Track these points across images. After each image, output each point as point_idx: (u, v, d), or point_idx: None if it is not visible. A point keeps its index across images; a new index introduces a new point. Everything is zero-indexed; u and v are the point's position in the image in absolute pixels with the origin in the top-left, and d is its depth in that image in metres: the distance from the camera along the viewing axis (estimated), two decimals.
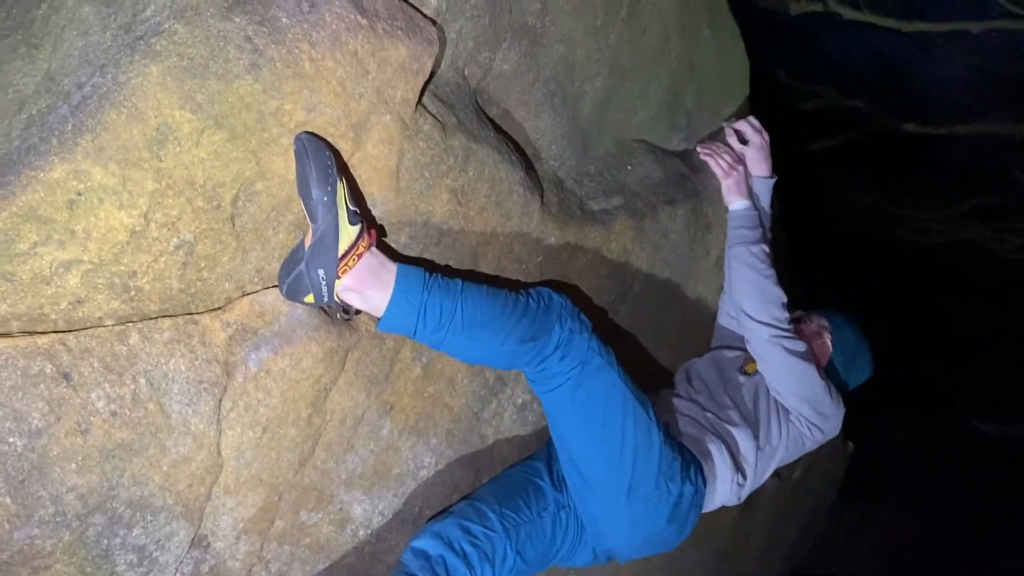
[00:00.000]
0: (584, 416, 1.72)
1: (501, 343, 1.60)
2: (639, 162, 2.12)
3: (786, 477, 3.76)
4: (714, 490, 1.97)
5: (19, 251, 1.23)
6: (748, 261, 2.10)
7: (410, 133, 1.51)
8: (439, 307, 1.53)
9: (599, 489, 1.80)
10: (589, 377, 1.70)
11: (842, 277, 6.50)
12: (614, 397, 1.74)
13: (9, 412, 1.25)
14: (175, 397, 1.40)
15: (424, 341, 1.57)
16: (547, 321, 1.65)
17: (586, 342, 1.70)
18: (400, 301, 1.50)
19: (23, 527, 1.30)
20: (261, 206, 1.41)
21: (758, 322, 2.06)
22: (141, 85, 1.24)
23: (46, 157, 1.22)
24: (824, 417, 2.09)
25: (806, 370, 2.04)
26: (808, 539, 5.05)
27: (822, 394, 2.06)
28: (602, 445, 1.75)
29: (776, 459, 2.10)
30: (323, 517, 1.70)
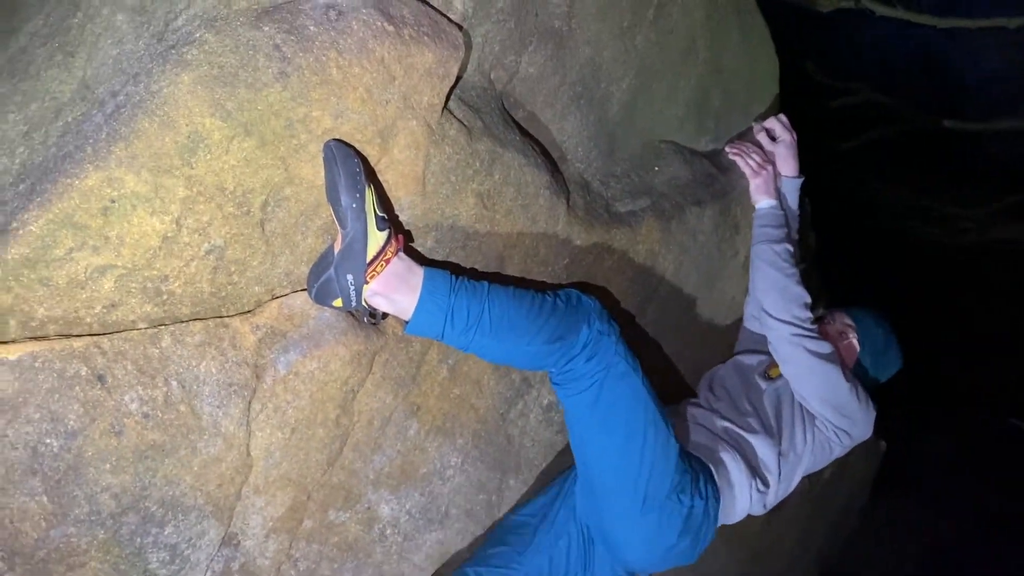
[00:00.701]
0: (606, 421, 1.72)
1: (528, 343, 1.61)
2: (666, 163, 2.11)
3: (816, 477, 3.74)
4: (732, 499, 1.94)
5: (55, 256, 1.26)
6: (770, 259, 2.08)
7: (436, 138, 1.52)
8: (466, 309, 1.54)
9: (613, 500, 1.79)
10: (614, 382, 1.69)
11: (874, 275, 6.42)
12: (637, 405, 1.73)
13: (46, 414, 1.29)
14: (206, 399, 1.43)
15: (452, 343, 1.59)
16: (575, 321, 1.65)
17: (613, 345, 1.70)
18: (428, 304, 1.51)
19: (59, 525, 1.34)
20: (290, 211, 1.43)
21: (779, 320, 2.03)
22: (173, 94, 1.26)
23: (81, 165, 1.25)
24: (852, 421, 2.05)
25: (830, 372, 2.00)
26: (839, 539, 5.01)
27: (848, 397, 2.02)
28: (621, 452, 1.74)
29: (802, 466, 2.06)
30: (351, 516, 1.72)
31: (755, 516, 2.09)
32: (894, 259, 6.75)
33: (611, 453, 1.74)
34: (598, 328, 1.68)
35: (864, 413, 2.07)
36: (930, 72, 5.00)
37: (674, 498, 1.78)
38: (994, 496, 6.82)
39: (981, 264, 6.61)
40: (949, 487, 7.19)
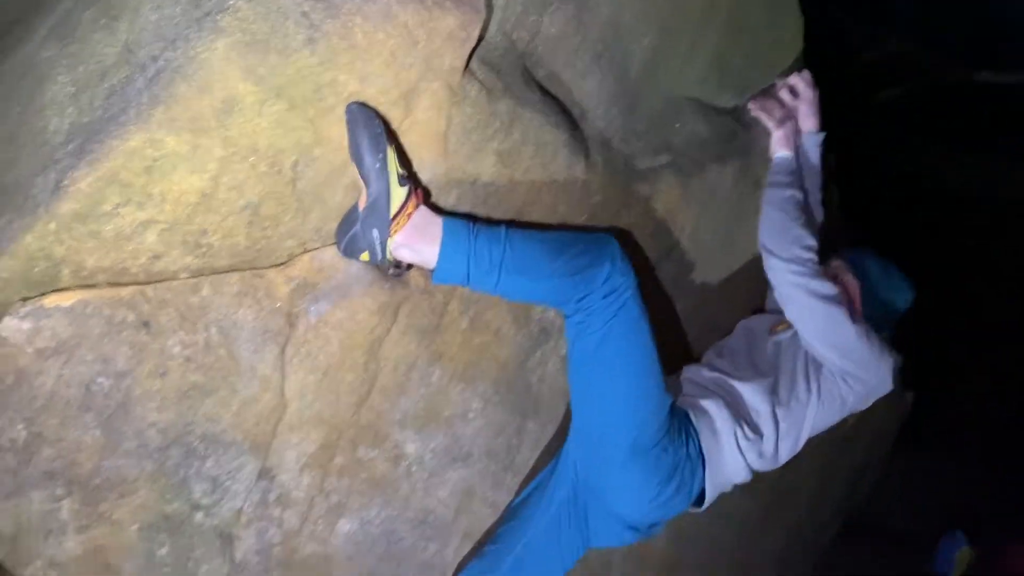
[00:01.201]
0: (609, 363, 1.76)
1: (550, 277, 1.67)
2: (687, 120, 2.15)
3: (837, 425, 3.79)
4: (719, 449, 1.95)
5: (103, 212, 1.36)
6: (778, 203, 2.06)
7: (457, 99, 1.59)
8: (487, 251, 1.62)
9: (602, 446, 1.84)
10: (624, 325, 1.73)
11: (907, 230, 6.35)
12: (641, 353, 1.78)
13: (97, 356, 1.41)
14: (243, 344, 1.54)
15: (477, 286, 1.66)
16: (598, 257, 1.70)
17: (631, 289, 1.75)
18: (449, 250, 1.60)
19: (111, 457, 1.48)
20: (319, 170, 1.52)
21: (779, 258, 1.98)
22: (208, 60, 1.35)
23: (125, 127, 1.35)
24: (862, 366, 2.00)
25: (833, 313, 1.95)
26: (863, 488, 5.06)
27: (855, 339, 1.96)
28: (617, 396, 1.79)
29: (809, 418, 2.04)
30: (379, 454, 1.84)
31: (764, 472, 2.09)
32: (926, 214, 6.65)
33: (607, 396, 1.80)
34: (620, 268, 1.73)
35: (876, 359, 2.01)
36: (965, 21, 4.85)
37: (659, 450, 1.82)
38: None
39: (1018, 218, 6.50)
40: (982, 441, 7.18)
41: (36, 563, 1.50)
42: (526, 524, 2.02)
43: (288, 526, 1.75)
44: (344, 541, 1.85)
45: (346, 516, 1.83)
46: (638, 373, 1.79)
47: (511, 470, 2.11)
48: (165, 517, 1.58)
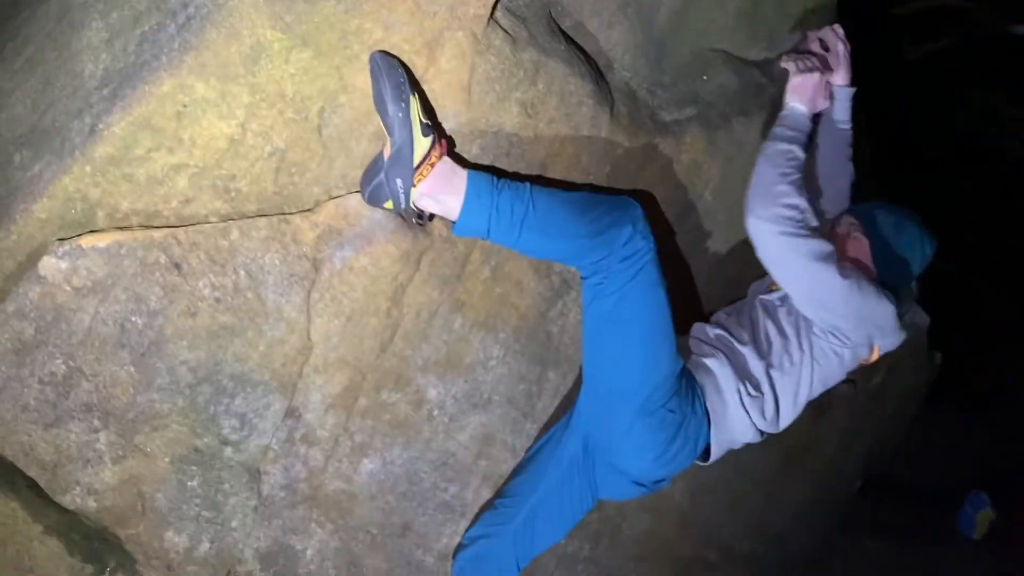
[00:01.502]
0: (624, 324, 1.77)
1: (572, 237, 1.68)
2: (715, 72, 2.14)
3: (862, 383, 3.79)
4: (724, 406, 1.96)
5: (136, 156, 1.41)
6: (771, 156, 1.94)
7: (481, 48, 1.60)
8: (510, 205, 1.64)
9: (611, 403, 1.86)
10: (641, 288, 1.74)
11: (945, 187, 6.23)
12: (657, 315, 1.79)
13: (132, 295, 1.47)
14: (270, 287, 1.59)
15: (497, 240, 1.68)
16: (620, 219, 1.70)
17: (650, 254, 1.75)
18: (472, 202, 1.62)
19: (145, 392, 1.54)
20: (344, 117, 1.54)
21: (758, 217, 1.87)
22: (238, 7, 1.37)
23: (156, 73, 1.38)
24: (856, 322, 1.96)
25: (817, 271, 1.86)
26: (888, 446, 5.06)
27: (846, 297, 1.90)
28: (630, 357, 1.81)
29: (805, 379, 2.02)
30: (401, 397, 1.89)
31: (770, 433, 2.09)
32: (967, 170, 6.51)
33: (620, 356, 1.82)
34: (641, 233, 1.73)
35: (871, 313, 1.96)
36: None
37: (665, 410, 1.85)
38: None
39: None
40: (1011, 404, 7.13)
41: (75, 490, 1.59)
42: (538, 478, 2.07)
43: (313, 463, 1.82)
44: (367, 479, 1.92)
45: (369, 456, 1.89)
46: (651, 337, 1.80)
47: (531, 417, 2.15)
48: (196, 451, 1.65)
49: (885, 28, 4.77)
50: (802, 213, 1.88)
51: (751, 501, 3.64)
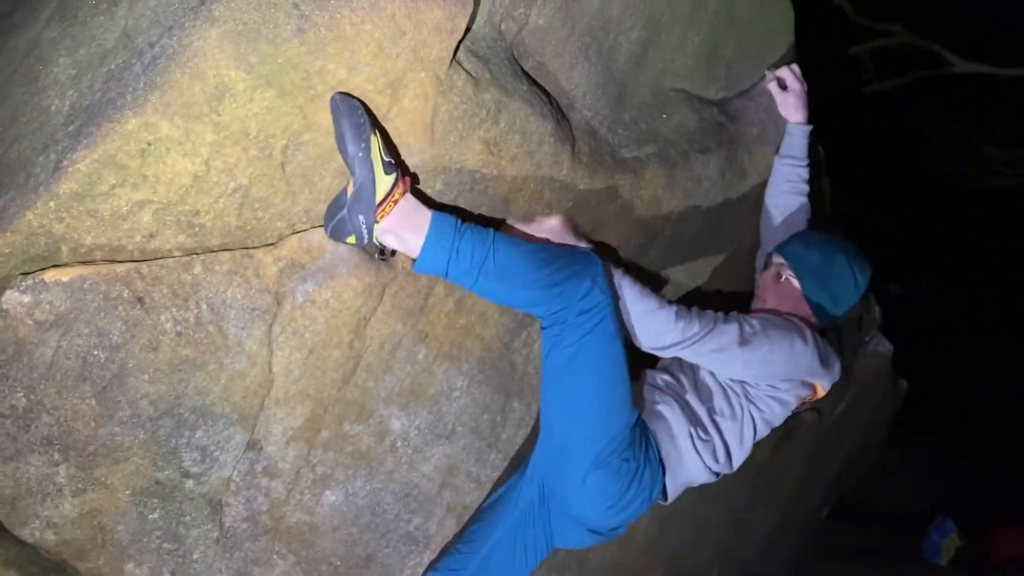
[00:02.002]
0: (580, 376, 1.79)
1: (529, 287, 1.71)
2: (674, 111, 2.20)
3: (827, 411, 3.84)
4: (678, 453, 1.99)
5: (101, 192, 1.43)
6: (629, 293, 1.92)
7: (444, 88, 1.64)
8: (471, 248, 1.67)
9: (566, 455, 1.88)
10: (599, 340, 1.75)
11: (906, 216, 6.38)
12: (614, 369, 1.80)
13: (94, 329, 1.49)
14: (232, 321, 1.61)
15: (457, 281, 1.71)
16: (580, 272, 1.73)
17: (609, 307, 1.77)
18: (433, 242, 1.65)
19: (106, 425, 1.55)
20: (308, 154, 1.58)
21: (654, 349, 1.96)
22: (202, 48, 1.40)
23: (122, 111, 1.41)
24: (780, 376, 2.03)
25: (727, 358, 1.96)
26: (855, 472, 5.12)
27: (760, 364, 1.98)
28: (586, 409, 1.83)
29: (747, 427, 2.06)
30: (364, 429, 1.91)
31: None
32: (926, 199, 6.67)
33: (577, 407, 1.84)
34: (600, 286, 1.75)
35: (793, 364, 2.02)
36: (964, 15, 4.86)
37: (619, 460, 1.86)
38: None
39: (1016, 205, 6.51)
40: (979, 429, 7.23)
41: (34, 523, 1.59)
42: (494, 524, 2.09)
43: (275, 495, 1.83)
44: (329, 511, 1.93)
45: (331, 487, 1.90)
46: (608, 390, 1.82)
47: (495, 448, 2.18)
48: (157, 483, 1.66)
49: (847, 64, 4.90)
50: (681, 323, 1.92)
51: (719, 528, 3.67)
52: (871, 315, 3.97)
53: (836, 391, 3.74)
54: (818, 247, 2.16)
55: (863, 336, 3.98)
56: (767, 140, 2.38)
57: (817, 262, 2.13)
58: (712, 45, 2.22)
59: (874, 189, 6.00)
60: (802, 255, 2.15)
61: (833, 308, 2.16)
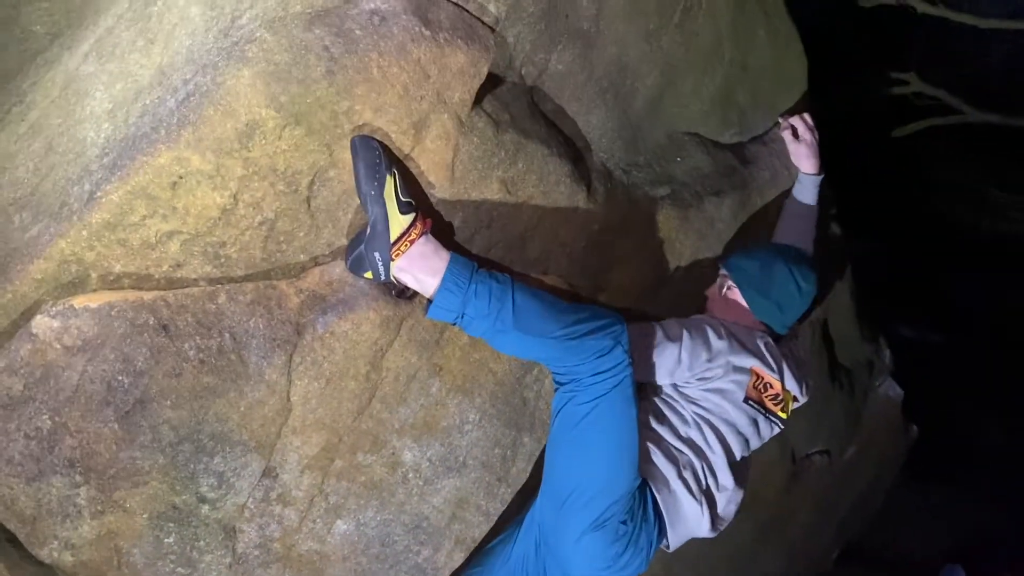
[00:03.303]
0: (588, 441, 1.78)
1: (546, 337, 1.70)
2: (688, 154, 2.25)
3: (836, 454, 3.84)
4: (675, 498, 2.00)
5: (131, 222, 1.48)
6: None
7: (465, 130, 1.69)
8: (488, 294, 1.67)
9: (567, 512, 1.86)
10: (613, 404, 1.74)
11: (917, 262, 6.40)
12: (623, 436, 1.80)
13: (119, 355, 1.53)
14: (253, 350, 1.65)
15: (470, 329, 1.72)
16: (601, 332, 1.72)
17: (628, 370, 1.75)
18: (448, 289, 1.67)
19: (127, 449, 1.59)
20: (333, 190, 1.63)
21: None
22: (235, 86, 1.46)
23: (155, 145, 1.46)
24: (715, 358, 2.01)
25: (654, 367, 1.98)
26: (864, 516, 5.09)
27: (681, 356, 1.98)
28: (592, 471, 1.82)
29: (711, 425, 2.05)
30: (377, 459, 1.94)
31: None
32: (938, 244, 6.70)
33: (582, 468, 1.83)
34: (623, 348, 1.74)
35: (717, 338, 2.02)
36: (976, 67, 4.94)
37: (616, 522, 1.86)
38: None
39: None
40: (991, 476, 7.15)
41: (52, 544, 1.62)
42: (489, 572, 2.10)
43: (288, 523, 1.85)
44: (340, 541, 1.95)
45: (343, 517, 1.93)
46: (616, 455, 1.81)
47: (505, 481, 2.19)
48: (174, 508, 1.69)
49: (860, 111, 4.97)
50: None
51: (726, 570, 3.65)
52: (881, 359, 3.98)
53: (843, 433, 3.76)
54: (758, 257, 2.16)
55: (873, 380, 4.00)
56: (779, 185, 2.43)
57: (757, 272, 2.13)
58: (727, 91, 2.28)
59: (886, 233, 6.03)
60: (743, 267, 2.16)
61: (780, 315, 2.15)
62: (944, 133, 5.40)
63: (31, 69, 1.98)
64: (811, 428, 3.48)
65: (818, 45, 2.66)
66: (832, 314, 3.21)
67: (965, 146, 5.69)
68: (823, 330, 3.18)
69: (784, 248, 2.20)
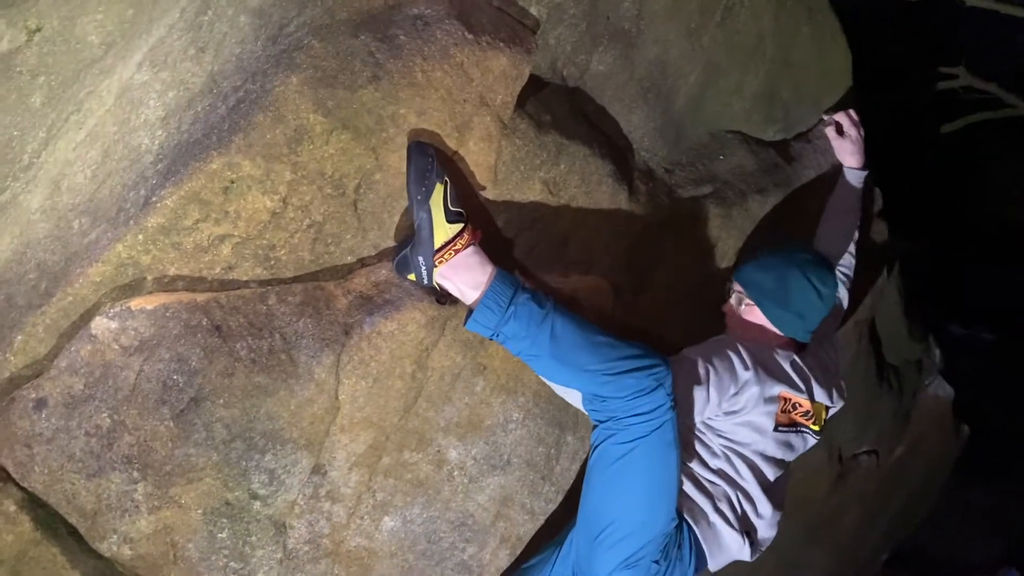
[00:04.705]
0: (626, 482, 1.75)
1: (581, 368, 1.68)
2: (731, 152, 2.24)
3: (884, 455, 3.79)
4: (715, 530, 1.96)
5: (185, 226, 1.53)
6: None
7: (508, 131, 1.71)
8: (527, 319, 1.67)
9: (600, 548, 1.83)
10: (653, 448, 1.70)
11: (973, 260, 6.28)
12: (664, 477, 1.76)
13: (175, 355, 1.57)
14: (303, 350, 1.69)
15: (506, 345, 1.72)
16: (643, 371, 1.67)
17: (671, 414, 1.71)
18: (489, 303, 1.67)
19: (182, 446, 1.63)
20: (379, 193, 1.66)
21: None
22: (283, 93, 1.50)
23: (207, 151, 1.51)
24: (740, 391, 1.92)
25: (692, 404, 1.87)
26: (914, 518, 5.00)
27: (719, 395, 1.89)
28: (628, 512, 1.80)
29: (741, 456, 1.99)
30: (423, 457, 1.97)
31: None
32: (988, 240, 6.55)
33: (618, 508, 1.80)
34: (667, 390, 1.69)
35: (739, 366, 1.92)
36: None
37: (651, 563, 1.83)
38: None
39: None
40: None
41: (112, 538, 1.67)
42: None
43: (337, 519, 1.89)
44: (388, 537, 1.98)
45: (390, 514, 1.96)
46: (653, 497, 1.79)
47: (549, 480, 2.21)
48: (227, 504, 1.73)
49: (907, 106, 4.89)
50: None
51: (772, 571, 3.62)
52: (931, 358, 3.91)
53: (891, 434, 3.71)
54: (772, 268, 2.05)
55: (923, 380, 3.93)
56: (824, 182, 2.40)
57: (772, 284, 2.03)
58: (770, 88, 2.27)
59: (935, 230, 5.93)
60: (758, 281, 2.06)
61: (803, 324, 2.05)
62: (994, 128, 5.28)
63: (87, 78, 2.04)
64: (858, 428, 3.44)
65: (863, 40, 2.63)
66: (879, 313, 3.17)
67: (1016, 141, 5.57)
68: (870, 329, 3.14)
69: (794, 251, 2.09)
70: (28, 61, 1.96)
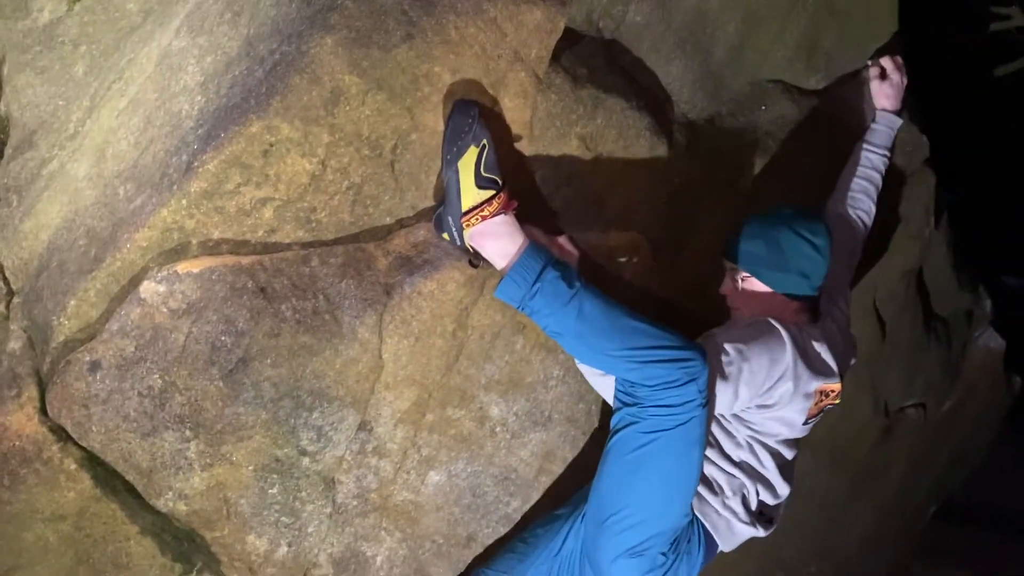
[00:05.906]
0: (646, 471, 1.71)
1: (604, 352, 1.65)
2: (773, 102, 2.20)
3: (932, 408, 3.74)
4: (727, 523, 1.94)
5: (227, 190, 1.55)
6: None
7: (543, 87, 1.70)
8: (553, 297, 1.63)
9: (608, 532, 1.80)
10: (677, 443, 1.66)
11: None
12: (684, 476, 1.73)
13: (221, 317, 1.61)
14: (346, 310, 1.71)
15: (533, 316, 1.69)
16: (678, 364, 1.61)
17: (700, 412, 1.65)
18: (516, 276, 1.66)
19: (232, 405, 1.68)
20: (415, 154, 1.66)
21: None
22: (319, 54, 1.51)
23: (246, 114, 1.52)
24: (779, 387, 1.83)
25: (717, 396, 1.75)
26: (962, 471, 4.94)
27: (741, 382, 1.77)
28: (644, 502, 1.76)
29: (765, 447, 1.94)
30: (465, 414, 1.99)
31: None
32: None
33: (631, 496, 1.76)
34: (700, 386, 1.62)
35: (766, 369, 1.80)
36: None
37: (658, 554, 1.81)
38: None
39: None
40: None
41: (167, 495, 1.73)
42: (528, 560, 2.07)
43: (384, 474, 1.93)
44: (433, 491, 2.02)
45: (435, 468, 2.00)
46: (664, 495, 1.75)
47: (589, 435, 2.23)
48: (277, 460, 1.78)
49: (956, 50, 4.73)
50: None
51: (816, 524, 3.62)
52: (981, 309, 3.83)
53: (940, 387, 3.65)
54: (759, 234, 1.94)
55: (973, 331, 3.85)
56: (866, 130, 2.34)
57: (765, 250, 1.92)
58: (812, 36, 2.21)
59: (985, 179, 5.75)
60: (748, 251, 1.95)
61: (808, 281, 1.94)
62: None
63: (127, 46, 2.07)
64: (905, 381, 3.39)
65: None
66: (927, 264, 3.10)
67: None
68: (917, 280, 3.08)
69: (776, 211, 1.98)
70: (70, 31, 1.99)
